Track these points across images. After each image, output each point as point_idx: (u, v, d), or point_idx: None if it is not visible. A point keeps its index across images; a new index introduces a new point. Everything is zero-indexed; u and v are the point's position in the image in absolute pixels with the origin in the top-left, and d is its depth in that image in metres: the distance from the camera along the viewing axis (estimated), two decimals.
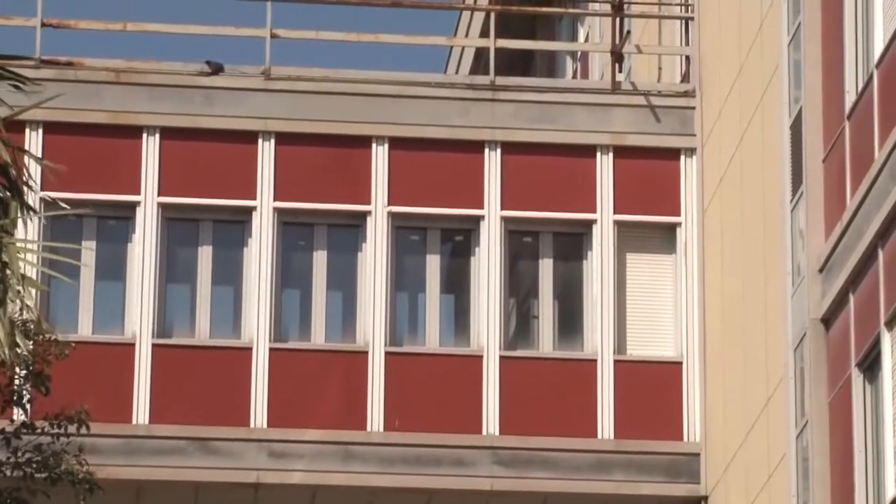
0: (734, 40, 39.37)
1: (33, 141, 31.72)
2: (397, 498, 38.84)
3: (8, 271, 21.96)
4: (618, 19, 42.46)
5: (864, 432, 32.71)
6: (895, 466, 31.41)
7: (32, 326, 22.76)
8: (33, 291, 22.69)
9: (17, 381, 24.02)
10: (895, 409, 31.67)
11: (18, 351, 22.24)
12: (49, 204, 30.00)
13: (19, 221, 22.63)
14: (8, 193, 22.62)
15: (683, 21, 42.21)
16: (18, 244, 22.62)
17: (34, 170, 24.43)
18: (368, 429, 38.12)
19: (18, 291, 21.88)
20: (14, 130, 23.98)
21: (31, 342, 22.83)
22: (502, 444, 38.38)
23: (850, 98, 33.76)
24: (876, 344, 32.25)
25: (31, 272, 23.53)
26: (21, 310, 22.21)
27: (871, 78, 32.94)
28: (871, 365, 32.54)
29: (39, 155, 33.58)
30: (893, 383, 31.78)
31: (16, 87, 22.80)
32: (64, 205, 23.91)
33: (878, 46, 32.75)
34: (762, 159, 37.18)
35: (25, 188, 22.52)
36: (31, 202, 22.65)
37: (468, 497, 38.97)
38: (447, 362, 38.99)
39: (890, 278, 31.77)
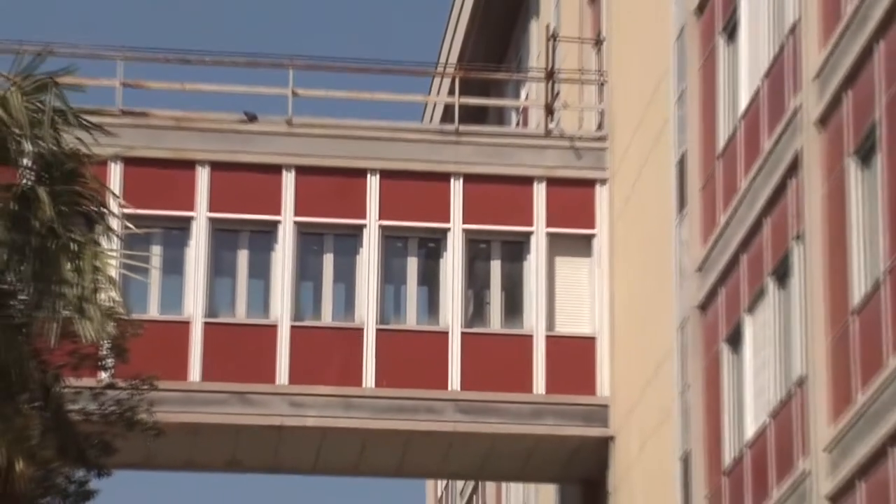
0: (636, 99, 39.52)
1: (115, 172, 31.80)
2: (385, 438, 39.05)
3: (99, 274, 21.90)
4: (550, 83, 42.57)
5: (729, 392, 32.88)
6: (752, 416, 31.49)
7: (115, 313, 22.55)
8: (115, 286, 22.68)
9: (103, 352, 23.82)
10: (753, 374, 31.76)
11: (106, 330, 22.23)
12: (127, 219, 30.10)
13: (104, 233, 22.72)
14: (94, 211, 22.56)
15: (599, 84, 42.32)
16: (107, 252, 22.61)
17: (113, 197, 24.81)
18: (363, 385, 38.23)
19: (105, 287, 21.93)
20: (99, 164, 24.01)
21: (114, 324, 22.64)
22: (463, 397, 38.56)
23: (720, 143, 34.11)
24: (739, 325, 32.58)
25: (114, 272, 23.56)
26: (107, 300, 22.17)
27: (736, 128, 33.13)
28: (735, 341, 32.85)
29: (119, 180, 33.64)
30: (751, 355, 32.00)
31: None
32: (129, 225, 23.42)
33: (742, 104, 32.89)
34: (656, 188, 37.36)
35: (107, 212, 22.55)
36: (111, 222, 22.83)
37: (437, 437, 39.27)
38: (422, 337, 39.17)
39: (749, 277, 32.06)
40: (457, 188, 39.48)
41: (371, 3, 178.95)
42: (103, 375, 26.34)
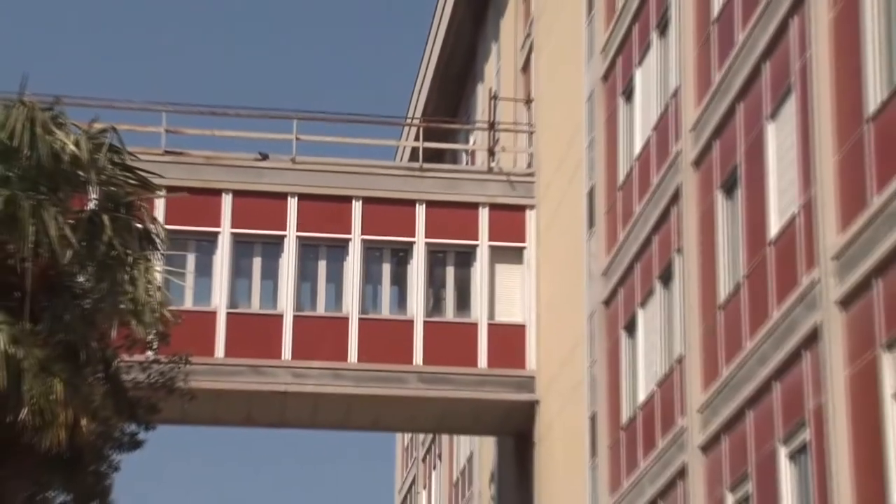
0: (557, 145, 39.59)
1: (160, 198, 31.89)
2: (364, 401, 38.92)
3: (148, 278, 22.02)
4: (491, 132, 42.76)
5: (626, 367, 33.04)
6: (643, 385, 31.65)
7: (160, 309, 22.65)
8: (160, 289, 22.79)
9: (150, 337, 23.87)
10: (644, 353, 31.91)
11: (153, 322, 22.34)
12: (169, 233, 30.22)
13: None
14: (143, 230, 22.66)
15: (529, 133, 42.55)
16: (153, 263, 22.71)
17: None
18: (348, 361, 38.26)
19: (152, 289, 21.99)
20: (147, 191, 24.08)
21: (159, 316, 22.74)
22: (424, 370, 38.55)
23: (620, 178, 34.16)
24: (634, 317, 32.76)
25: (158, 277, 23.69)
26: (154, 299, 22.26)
27: (632, 167, 33.33)
28: (631, 329, 33.01)
29: (163, 204, 33.79)
30: (643, 339, 32.14)
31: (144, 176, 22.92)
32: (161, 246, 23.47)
33: (637, 149, 33.04)
34: (572, 212, 37.36)
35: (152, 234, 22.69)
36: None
37: (404, 400, 39.28)
38: (393, 324, 39.14)
39: (641, 280, 32.26)
40: (420, 211, 39.47)
41: (356, 67, 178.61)
42: (150, 353, 26.39)
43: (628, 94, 34.21)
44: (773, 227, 25.24)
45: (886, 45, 21.52)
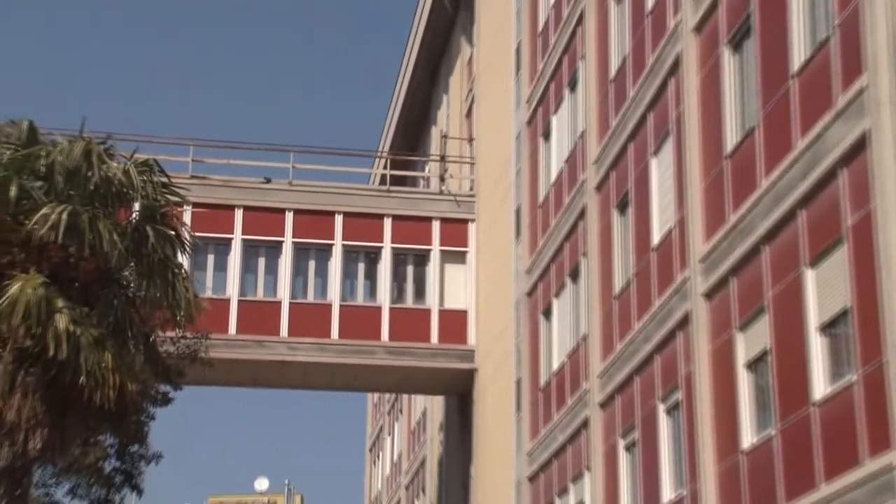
0: (492, 173, 39.57)
1: (188, 212, 31.79)
2: (343, 368, 38.81)
3: (178, 274, 21.99)
4: (442, 163, 42.79)
5: (544, 344, 32.93)
6: (557, 357, 31.59)
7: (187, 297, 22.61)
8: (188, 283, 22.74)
9: (179, 318, 23.78)
10: (558, 333, 31.90)
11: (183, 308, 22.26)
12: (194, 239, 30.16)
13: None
14: (175, 236, 22.61)
15: (471, 164, 42.61)
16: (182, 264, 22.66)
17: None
18: (331, 337, 38.09)
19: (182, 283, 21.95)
20: (177, 206, 24.04)
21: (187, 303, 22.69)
22: (389, 345, 38.46)
23: (540, 199, 34.05)
24: (550, 305, 32.59)
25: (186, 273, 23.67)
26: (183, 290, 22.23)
27: (549, 191, 33.31)
28: (547, 314, 32.95)
29: (190, 216, 33.71)
30: (557, 322, 32.02)
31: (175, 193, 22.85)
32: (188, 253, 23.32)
33: (553, 177, 32.97)
34: (504, 225, 37.38)
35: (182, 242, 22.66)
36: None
37: (373, 368, 38.89)
38: (366, 309, 38.87)
39: (556, 277, 32.12)
40: (387, 223, 39.29)
41: (339, 111, 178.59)
42: (179, 331, 26.36)
43: (546, 135, 34.17)
44: (656, 236, 25.34)
45: (740, 99, 21.83)
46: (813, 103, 18.74)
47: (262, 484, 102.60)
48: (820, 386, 17.95)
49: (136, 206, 22.10)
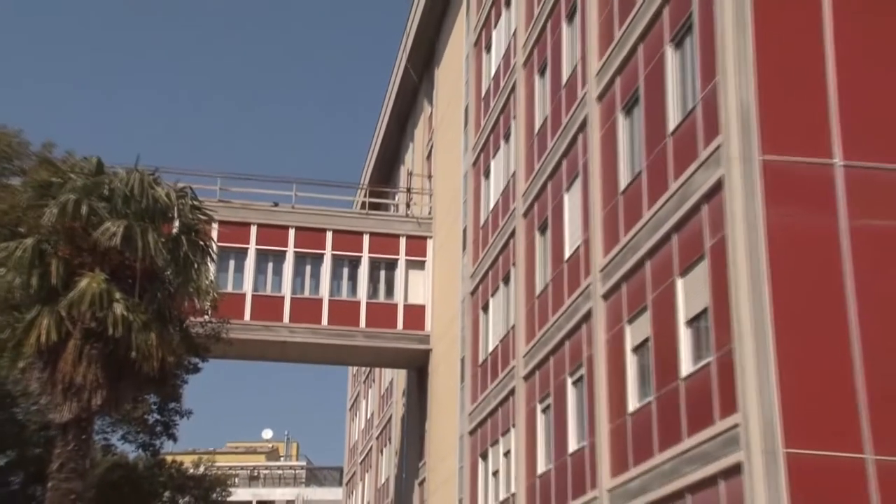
0: (445, 202, 39.34)
1: (215, 228, 31.26)
2: (331, 348, 38.58)
3: (205, 275, 21.99)
4: (408, 193, 42.75)
5: (483, 332, 32.62)
6: (492, 341, 31.44)
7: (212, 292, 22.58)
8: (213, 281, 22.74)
9: (206, 307, 23.74)
10: (493, 324, 31.71)
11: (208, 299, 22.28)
12: (220, 248, 30.20)
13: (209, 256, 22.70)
14: (205, 246, 22.63)
15: (430, 195, 42.44)
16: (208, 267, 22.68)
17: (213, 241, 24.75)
18: (322, 324, 37.83)
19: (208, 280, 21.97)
20: (207, 223, 24.05)
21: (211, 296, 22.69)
22: (366, 330, 38.23)
23: (482, 221, 33.70)
24: (488, 302, 32.41)
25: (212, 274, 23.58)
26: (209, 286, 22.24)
27: (488, 216, 33.04)
28: (486, 308, 32.51)
29: (217, 230, 33.48)
30: (492, 315, 31.72)
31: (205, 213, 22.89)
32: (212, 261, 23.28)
33: (491, 206, 32.88)
34: (454, 242, 37.16)
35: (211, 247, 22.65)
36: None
37: (353, 348, 38.59)
38: (348, 303, 38.45)
39: (492, 280, 31.79)
40: (366, 238, 39.00)
41: (330, 153, 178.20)
42: (206, 317, 26.31)
43: (486, 174, 33.97)
44: (567, 252, 25.20)
45: (630, 151, 21.78)
46: (683, 155, 18.75)
47: (267, 433, 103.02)
48: (686, 365, 17.97)
49: (176, 222, 22.09)
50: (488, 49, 35.19)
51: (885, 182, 16.73)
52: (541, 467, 25.84)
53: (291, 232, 38.63)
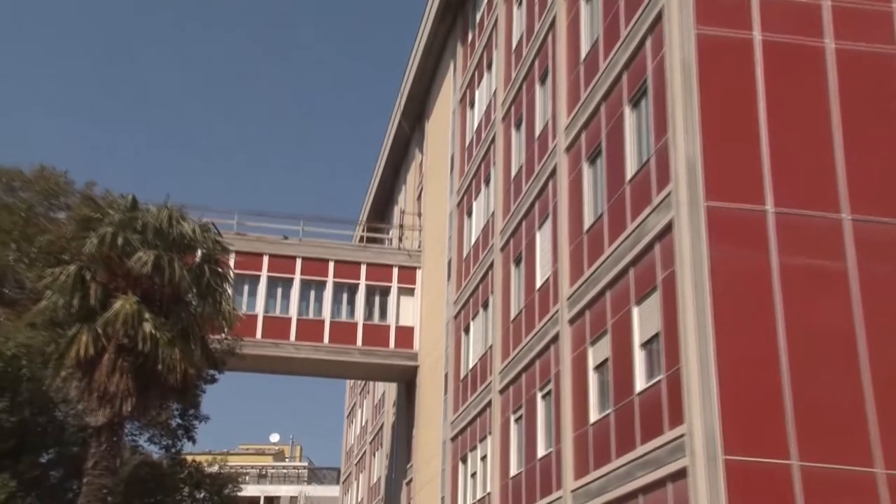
0: (433, 237, 39.17)
1: (232, 257, 31.02)
2: (332, 363, 38.35)
3: (224, 298, 21.97)
4: (400, 229, 42.75)
5: (464, 352, 32.44)
6: (472, 359, 31.24)
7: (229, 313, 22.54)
8: (231, 303, 22.70)
9: (224, 326, 23.69)
10: (473, 345, 31.48)
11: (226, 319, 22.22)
12: (235, 276, 30.13)
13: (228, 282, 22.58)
14: (223, 272, 22.60)
15: (419, 230, 42.25)
16: (227, 290, 22.60)
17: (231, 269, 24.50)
18: (324, 342, 37.75)
19: (227, 303, 21.89)
20: (225, 253, 24.03)
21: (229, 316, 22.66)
22: (362, 348, 38.04)
23: (465, 254, 33.46)
24: (469, 325, 32.06)
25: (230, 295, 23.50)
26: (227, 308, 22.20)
27: (470, 250, 32.81)
28: (467, 330, 32.24)
29: (234, 259, 33.36)
30: (473, 337, 31.49)
31: (224, 245, 22.82)
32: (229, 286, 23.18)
33: (472, 241, 32.69)
34: (439, 272, 36.97)
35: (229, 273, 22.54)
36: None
37: (352, 364, 38.38)
38: (347, 324, 38.30)
39: (473, 306, 31.51)
40: (363, 268, 38.91)
41: (333, 193, 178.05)
42: (223, 334, 26.25)
43: (469, 213, 33.86)
44: (538, 282, 25.10)
45: (593, 196, 21.76)
46: (639, 200, 18.79)
47: (274, 437, 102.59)
48: (640, 382, 17.93)
49: (199, 252, 22.18)
50: (472, 106, 35.31)
51: (809, 225, 16.88)
52: (513, 470, 25.72)
53: (298, 262, 38.49)
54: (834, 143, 17.43)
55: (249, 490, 72.85)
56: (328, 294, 38.55)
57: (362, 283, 39.03)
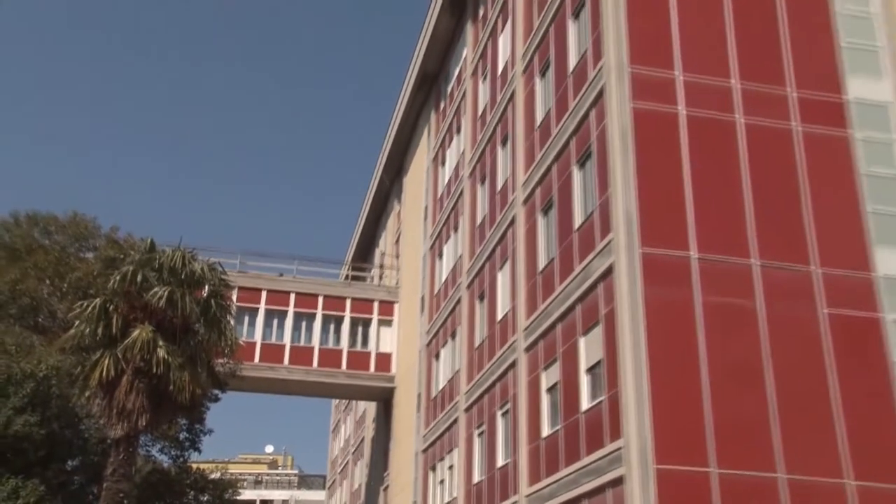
0: (409, 276, 38.96)
1: (235, 292, 30.92)
2: (319, 384, 37.95)
3: (227, 328, 21.86)
4: (381, 268, 42.51)
5: (435, 375, 32.13)
6: (442, 381, 31.01)
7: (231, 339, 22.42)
8: (233, 332, 22.56)
9: (226, 351, 23.52)
10: (443, 369, 31.16)
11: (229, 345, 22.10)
12: (237, 308, 29.78)
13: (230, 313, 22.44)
14: (226, 305, 22.51)
15: (397, 270, 42.11)
16: (229, 321, 22.47)
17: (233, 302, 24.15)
18: (313, 366, 37.28)
19: (229, 331, 21.77)
20: (229, 288, 23.94)
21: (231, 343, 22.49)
22: (347, 371, 37.59)
23: (436, 291, 33.39)
24: (439, 352, 31.95)
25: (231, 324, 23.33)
26: (229, 335, 22.09)
27: (440, 288, 32.71)
28: (437, 357, 32.09)
29: (236, 293, 33.01)
30: (443, 363, 31.26)
31: (228, 282, 22.69)
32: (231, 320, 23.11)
33: (442, 280, 32.62)
34: (414, 305, 36.74)
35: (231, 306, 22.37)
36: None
37: (338, 385, 38.07)
38: (334, 351, 37.82)
39: (443, 335, 31.32)
40: (349, 302, 38.65)
41: (322, 237, 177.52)
42: (226, 359, 26.08)
43: (440, 256, 33.76)
44: (499, 315, 25.06)
45: (546, 242, 21.86)
46: (585, 246, 18.95)
47: (269, 448, 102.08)
48: (585, 402, 17.93)
49: (207, 288, 22.11)
50: (443, 164, 35.43)
51: (725, 269, 17.21)
52: (476, 478, 25.62)
53: (292, 296, 38.17)
54: (745, 200, 17.84)
55: (247, 494, 72.25)
56: (317, 324, 38.21)
57: (347, 315, 38.74)
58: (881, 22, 20.27)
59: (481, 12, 31.52)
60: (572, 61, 21.30)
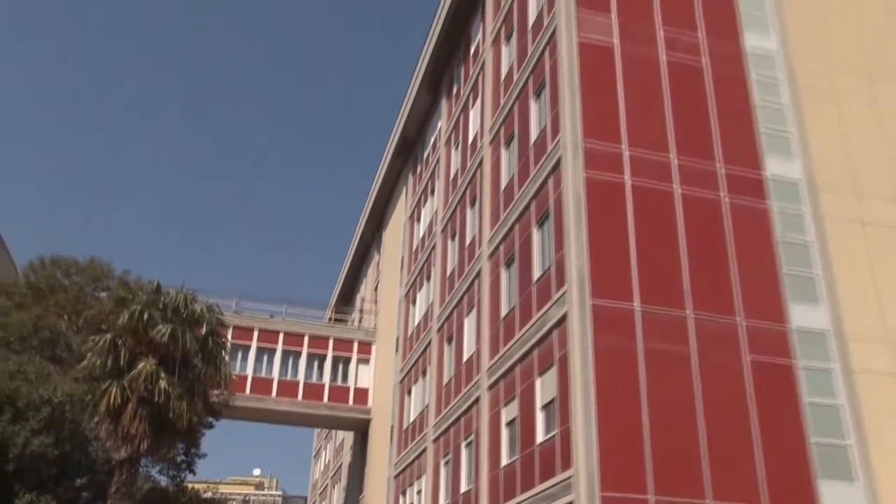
0: (386, 320, 38.76)
1: (230, 331, 30.53)
2: (303, 415, 37.41)
3: (222, 362, 21.67)
4: (360, 312, 42.25)
5: (408, 408, 31.63)
6: (414, 413, 30.57)
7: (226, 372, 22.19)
8: (227, 366, 22.36)
9: (221, 383, 23.27)
10: (417, 400, 30.88)
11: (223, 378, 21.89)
12: (232, 345, 29.39)
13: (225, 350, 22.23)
14: (221, 343, 22.32)
15: (375, 314, 41.89)
16: (224, 356, 22.17)
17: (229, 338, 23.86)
18: (298, 399, 36.80)
19: (224, 365, 21.60)
20: (224, 327, 23.71)
21: (225, 376, 22.27)
22: (328, 404, 37.06)
23: (410, 333, 33.06)
24: (411, 388, 31.61)
25: (226, 360, 23.11)
26: (225, 369, 21.90)
27: (414, 330, 32.37)
28: (410, 392, 31.79)
29: (231, 331, 32.56)
30: (416, 395, 31.06)
31: (223, 322, 22.51)
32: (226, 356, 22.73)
33: (416, 323, 32.43)
34: (389, 347, 36.47)
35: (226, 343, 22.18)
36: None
37: (319, 416, 37.57)
38: (316, 385, 37.37)
39: (416, 370, 31.01)
40: (331, 342, 38.42)
41: (308, 282, 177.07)
42: (221, 390, 25.78)
43: (414, 301, 33.57)
44: (465, 356, 24.97)
45: (508, 292, 21.87)
46: (542, 297, 19.02)
47: (256, 471, 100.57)
48: (540, 436, 17.95)
49: (205, 326, 21.99)
50: (418, 220, 35.52)
51: (664, 319, 17.44)
52: (442, 501, 25.34)
53: (281, 335, 37.83)
54: (681, 259, 18.15)
55: None
56: (303, 361, 37.81)
57: (329, 353, 38.37)
58: (791, 112, 20.86)
59: (455, 89, 31.98)
60: (534, 134, 21.64)
